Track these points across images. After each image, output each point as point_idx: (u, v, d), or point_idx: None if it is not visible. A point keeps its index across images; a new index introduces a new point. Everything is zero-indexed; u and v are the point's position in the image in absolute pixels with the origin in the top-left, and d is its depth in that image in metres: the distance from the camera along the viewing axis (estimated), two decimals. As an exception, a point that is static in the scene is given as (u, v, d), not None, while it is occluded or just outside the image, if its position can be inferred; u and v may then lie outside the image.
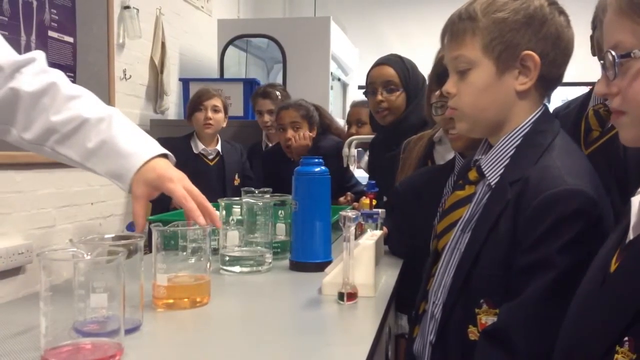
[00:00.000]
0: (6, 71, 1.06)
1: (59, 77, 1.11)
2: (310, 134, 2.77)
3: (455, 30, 1.05)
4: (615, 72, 0.74)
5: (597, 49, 1.46)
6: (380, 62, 2.15)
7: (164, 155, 1.11)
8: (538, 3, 1.03)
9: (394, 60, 2.13)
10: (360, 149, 2.73)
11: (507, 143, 1.05)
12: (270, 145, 3.25)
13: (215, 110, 2.96)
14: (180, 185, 1.07)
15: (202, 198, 1.09)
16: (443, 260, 1.09)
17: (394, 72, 2.08)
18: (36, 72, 1.08)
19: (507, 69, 1.03)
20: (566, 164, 0.97)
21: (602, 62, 0.77)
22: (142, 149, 1.09)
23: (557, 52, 1.04)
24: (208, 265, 1.15)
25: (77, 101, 1.09)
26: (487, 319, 0.97)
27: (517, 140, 1.04)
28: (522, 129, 1.04)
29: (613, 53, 0.74)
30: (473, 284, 1.00)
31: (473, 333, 0.99)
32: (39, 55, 1.11)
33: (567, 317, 0.82)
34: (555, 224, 0.91)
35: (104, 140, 1.07)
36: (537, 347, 0.89)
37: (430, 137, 1.78)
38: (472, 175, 1.10)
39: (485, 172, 1.06)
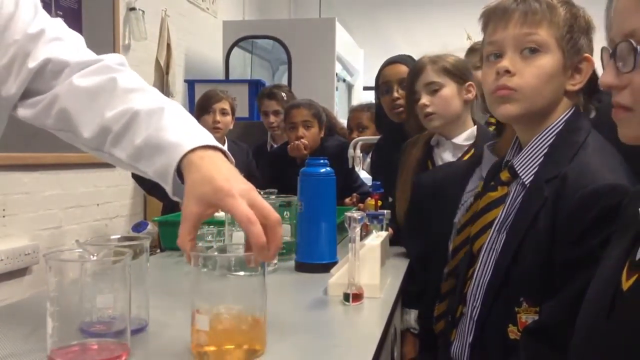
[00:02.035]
0: (73, 69, 0.95)
1: (122, 73, 0.96)
2: (321, 134, 2.79)
3: (533, 9, 1.03)
4: (635, 63, 0.68)
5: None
6: (393, 61, 2.15)
7: (222, 152, 0.88)
8: (590, 17, 1.07)
9: (406, 59, 2.14)
10: (363, 152, 2.74)
11: (540, 142, 1.05)
12: (275, 146, 3.25)
13: (224, 113, 2.97)
14: (245, 200, 0.81)
15: (275, 219, 0.82)
16: (480, 261, 1.08)
17: (407, 69, 2.09)
18: (98, 69, 0.96)
19: (568, 66, 1.05)
20: (602, 160, 0.98)
21: (610, 51, 0.72)
22: (190, 138, 0.86)
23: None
24: (264, 299, 0.86)
25: (133, 94, 0.93)
26: (527, 317, 0.97)
27: (550, 139, 1.05)
28: (555, 128, 1.05)
29: (633, 42, 0.68)
30: (512, 282, 1.00)
31: (513, 332, 0.99)
32: (110, 57, 0.99)
33: (576, 332, 0.81)
34: (598, 219, 0.91)
35: (149, 134, 0.87)
36: None
37: (426, 139, 1.77)
38: (504, 176, 1.11)
39: (519, 172, 1.06)
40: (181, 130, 0.88)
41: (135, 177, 2.86)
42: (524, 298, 0.98)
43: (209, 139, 0.88)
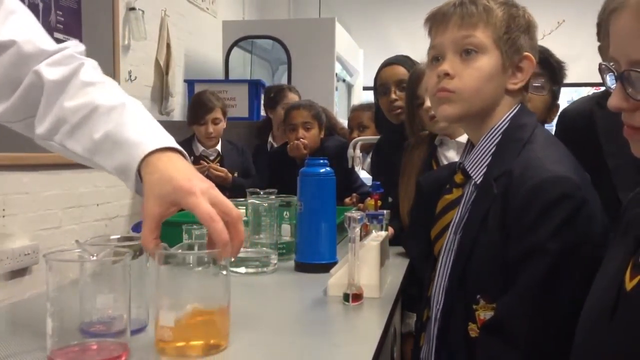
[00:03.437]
0: (39, 57, 0.94)
1: (85, 64, 0.97)
2: (321, 135, 2.79)
3: (469, 12, 1.05)
4: None
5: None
6: (390, 62, 2.15)
7: (180, 153, 0.90)
8: (531, 16, 1.09)
9: (403, 60, 2.14)
10: (363, 152, 2.74)
11: (487, 141, 1.07)
12: (276, 145, 3.25)
13: (216, 122, 2.99)
14: (206, 198, 0.82)
15: (236, 215, 0.85)
16: (440, 264, 1.10)
17: (405, 71, 2.09)
18: (63, 58, 0.95)
19: (508, 66, 1.06)
20: (547, 153, 1.00)
21: (614, 72, 0.72)
22: (150, 138, 0.88)
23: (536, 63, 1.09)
24: (228, 295, 0.89)
25: (93, 87, 0.94)
26: (485, 314, 0.98)
27: (497, 138, 1.06)
28: (500, 126, 1.07)
29: None
30: (469, 281, 1.01)
31: (473, 330, 1.00)
32: (72, 43, 0.99)
33: (578, 333, 0.81)
34: (543, 211, 0.93)
35: (110, 130, 0.88)
36: (537, 334, 0.90)
37: (428, 139, 1.77)
38: (458, 178, 1.12)
39: (471, 173, 1.08)
40: (141, 129, 0.90)
41: None
42: (481, 295, 0.99)
43: (169, 140, 0.90)
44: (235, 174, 3.05)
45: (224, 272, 0.88)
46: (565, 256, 0.90)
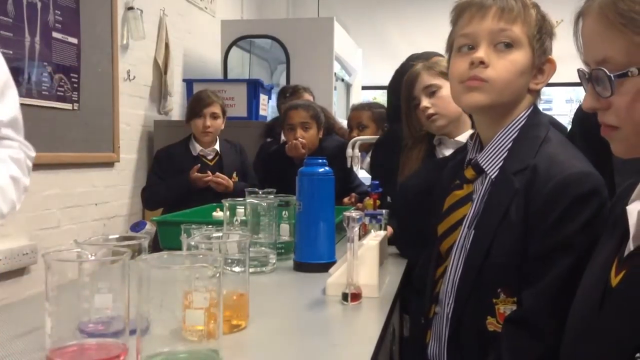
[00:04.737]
0: None
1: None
2: (319, 135, 2.79)
3: (509, 6, 1.05)
4: (612, 91, 0.72)
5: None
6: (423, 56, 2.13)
7: None
8: (552, 21, 1.10)
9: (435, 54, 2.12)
10: (363, 151, 2.73)
11: (504, 137, 1.07)
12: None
13: (214, 117, 2.98)
14: None
15: None
16: (452, 260, 1.09)
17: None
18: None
19: (534, 65, 1.07)
20: (569, 151, 1.02)
21: (586, 75, 0.75)
22: None
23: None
24: (247, 280, 1.04)
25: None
26: (505, 308, 0.99)
27: (514, 134, 1.07)
28: (518, 122, 1.07)
29: (608, 72, 0.71)
30: (487, 275, 1.01)
31: (492, 324, 1.00)
32: None
33: (567, 328, 0.82)
34: (572, 205, 0.94)
35: None
36: (562, 327, 0.90)
37: (426, 139, 1.77)
38: (469, 173, 1.12)
39: (485, 168, 1.08)
40: None
41: (143, 196, 2.88)
42: (502, 289, 0.99)
43: None
44: (234, 174, 3.04)
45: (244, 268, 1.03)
46: (589, 251, 0.91)
